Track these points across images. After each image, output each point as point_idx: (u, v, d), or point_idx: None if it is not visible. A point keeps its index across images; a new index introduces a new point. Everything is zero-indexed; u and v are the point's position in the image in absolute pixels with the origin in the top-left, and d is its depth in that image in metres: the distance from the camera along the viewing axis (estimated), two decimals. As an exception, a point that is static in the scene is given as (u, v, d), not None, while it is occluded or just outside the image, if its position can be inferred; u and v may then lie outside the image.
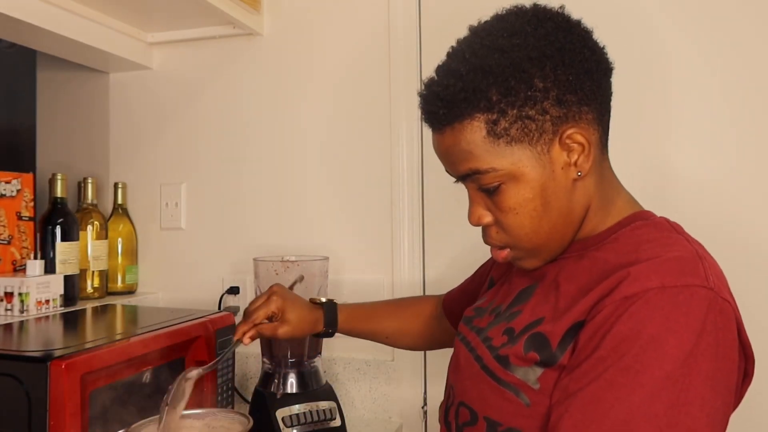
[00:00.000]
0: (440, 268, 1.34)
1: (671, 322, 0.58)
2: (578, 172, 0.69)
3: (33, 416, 0.82)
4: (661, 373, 0.57)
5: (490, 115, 0.67)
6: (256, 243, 1.47)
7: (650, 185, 1.20)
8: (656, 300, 0.59)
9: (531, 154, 0.68)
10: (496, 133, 0.67)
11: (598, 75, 0.70)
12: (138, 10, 1.40)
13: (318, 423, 1.10)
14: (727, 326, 0.60)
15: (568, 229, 0.72)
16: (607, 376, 0.58)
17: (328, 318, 1.03)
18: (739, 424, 0.79)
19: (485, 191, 0.71)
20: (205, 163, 1.53)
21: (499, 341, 0.73)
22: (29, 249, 1.35)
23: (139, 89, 1.59)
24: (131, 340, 1.00)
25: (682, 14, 1.20)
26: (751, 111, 1.16)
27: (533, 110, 0.66)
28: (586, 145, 0.69)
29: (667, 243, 0.66)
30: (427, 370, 1.34)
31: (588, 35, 0.71)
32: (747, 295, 1.14)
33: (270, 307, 0.96)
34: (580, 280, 0.68)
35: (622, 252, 0.67)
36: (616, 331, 0.59)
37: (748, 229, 1.16)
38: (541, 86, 0.66)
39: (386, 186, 1.38)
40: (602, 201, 0.73)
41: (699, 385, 0.57)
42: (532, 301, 0.73)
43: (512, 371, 0.68)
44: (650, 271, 0.61)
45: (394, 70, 1.36)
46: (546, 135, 0.67)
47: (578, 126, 0.68)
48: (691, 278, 0.61)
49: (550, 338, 0.66)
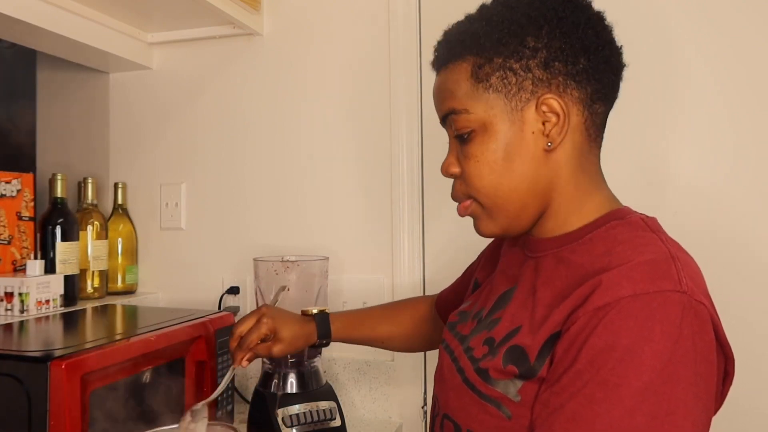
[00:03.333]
0: (440, 268, 1.34)
1: (646, 331, 0.57)
2: (548, 142, 0.69)
3: (33, 416, 0.82)
4: (639, 384, 0.55)
5: (477, 59, 0.70)
6: (256, 243, 1.47)
7: (648, 188, 1.21)
8: (629, 309, 0.58)
9: (504, 107, 0.69)
10: (478, 77, 0.70)
11: (597, 58, 0.69)
12: (138, 10, 1.40)
13: (318, 423, 1.10)
14: (703, 329, 0.59)
15: (528, 200, 0.71)
16: (586, 392, 0.57)
17: (321, 329, 1.02)
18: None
19: (460, 139, 0.73)
20: (205, 163, 1.53)
21: (480, 352, 0.72)
22: (29, 249, 1.36)
23: (139, 89, 1.59)
24: (131, 340, 1.00)
25: (684, 16, 1.20)
26: (751, 113, 1.16)
27: (517, 64, 0.68)
28: (561, 116, 0.68)
29: (640, 244, 0.65)
30: (427, 370, 1.34)
31: (597, 18, 0.71)
32: (743, 298, 1.15)
33: (261, 330, 0.95)
34: (556, 286, 0.68)
35: (595, 254, 0.66)
36: (592, 343, 0.58)
37: (745, 231, 1.16)
38: (531, 44, 0.68)
39: (386, 186, 1.38)
40: (576, 191, 0.72)
41: (680, 393, 0.56)
42: (511, 307, 0.73)
43: (493, 385, 0.68)
44: (622, 278, 0.60)
45: (395, 69, 1.36)
46: (524, 93, 0.69)
47: (560, 98, 0.69)
48: (664, 283, 0.59)
49: (528, 351, 0.65)
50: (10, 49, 1.52)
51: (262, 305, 1.01)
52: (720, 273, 1.15)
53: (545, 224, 0.74)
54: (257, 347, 0.95)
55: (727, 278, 1.16)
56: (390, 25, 1.37)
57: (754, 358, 1.11)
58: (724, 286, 1.18)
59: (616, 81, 0.72)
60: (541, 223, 0.74)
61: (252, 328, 0.95)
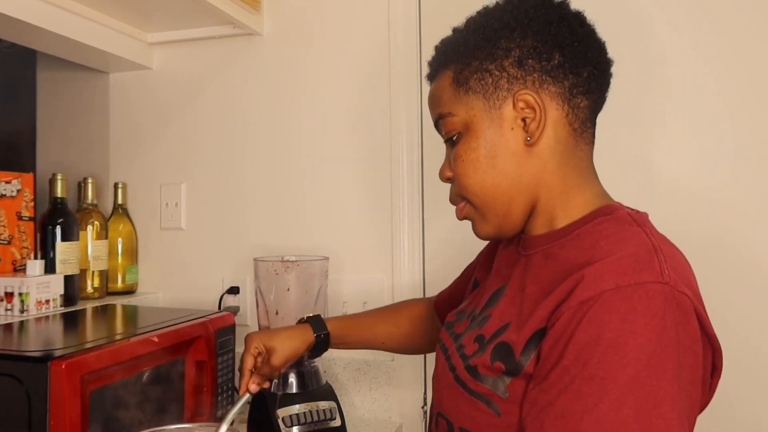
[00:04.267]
0: (440, 268, 1.34)
1: (629, 324, 0.57)
2: (528, 137, 0.71)
3: (33, 416, 0.82)
4: (625, 377, 0.56)
5: (458, 66, 0.74)
6: (256, 243, 1.47)
7: (643, 188, 1.21)
8: (612, 302, 0.58)
9: (483, 107, 0.72)
10: (459, 81, 0.74)
11: (572, 53, 0.70)
12: (138, 10, 1.40)
13: (318, 423, 1.10)
14: (686, 319, 0.59)
15: (516, 197, 0.73)
16: (574, 388, 0.58)
17: (315, 325, 1.01)
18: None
19: (450, 143, 0.76)
20: (205, 163, 1.53)
21: (470, 349, 0.73)
22: (29, 249, 1.36)
23: (139, 89, 1.59)
24: (131, 340, 1.00)
25: (680, 14, 1.20)
26: (749, 113, 1.16)
27: (492, 65, 0.71)
28: (538, 111, 0.70)
29: (624, 238, 0.65)
30: (427, 370, 1.34)
31: (572, 15, 0.73)
32: (742, 299, 1.15)
33: (251, 351, 0.95)
34: (542, 282, 0.68)
35: (581, 249, 0.66)
36: (577, 338, 0.59)
37: (744, 232, 1.16)
38: (504, 45, 0.71)
39: (386, 186, 1.38)
40: (563, 185, 0.72)
41: (666, 385, 0.56)
42: (501, 304, 0.73)
43: (482, 381, 0.68)
44: (604, 272, 0.60)
45: (395, 69, 1.36)
46: (500, 91, 0.71)
47: (536, 94, 0.70)
48: (646, 274, 0.59)
49: (514, 347, 0.66)
50: (10, 49, 1.52)
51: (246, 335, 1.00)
52: (718, 274, 1.15)
53: (535, 221, 0.75)
54: (258, 368, 0.95)
55: (722, 280, 1.16)
56: (390, 25, 1.37)
57: (750, 358, 1.11)
58: (722, 287, 1.18)
59: (598, 75, 0.73)
60: (531, 220, 0.75)
61: (243, 358, 0.96)
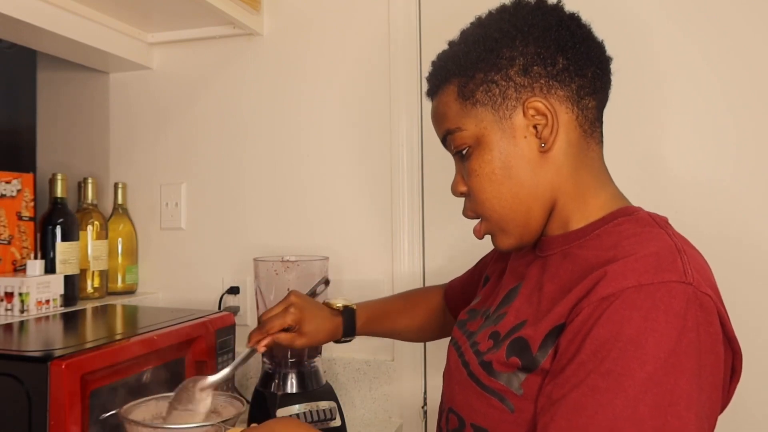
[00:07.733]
0: (440, 268, 1.34)
1: (650, 322, 0.57)
2: (542, 144, 0.70)
3: (33, 416, 0.82)
4: (643, 374, 0.55)
5: (461, 80, 0.73)
6: (256, 243, 1.47)
7: (648, 184, 1.21)
8: (633, 299, 0.58)
9: (493, 118, 0.71)
10: (465, 95, 0.73)
11: (575, 55, 0.70)
12: (138, 10, 1.40)
13: (318, 423, 1.10)
14: (708, 320, 0.59)
15: (534, 205, 0.72)
16: (589, 382, 0.57)
17: (347, 326, 1.02)
18: (734, 423, 0.79)
19: (461, 158, 0.75)
20: (205, 163, 1.53)
21: (485, 346, 0.73)
22: (29, 249, 1.35)
23: (139, 89, 1.59)
24: (131, 340, 0.99)
25: (682, 12, 1.20)
26: (751, 109, 1.16)
27: (498, 75, 0.71)
28: (549, 117, 0.70)
29: (647, 239, 0.65)
30: (427, 370, 1.34)
31: (570, 18, 0.73)
32: (749, 295, 1.15)
33: (286, 319, 0.94)
34: (562, 280, 0.68)
35: (602, 249, 0.66)
36: (595, 334, 0.59)
37: (747, 228, 1.16)
38: (507, 55, 0.70)
39: (386, 186, 1.38)
40: (579, 188, 0.72)
41: (684, 384, 0.55)
42: (516, 303, 0.73)
43: (496, 377, 0.68)
44: (627, 270, 0.60)
45: (395, 69, 1.36)
46: (509, 101, 0.71)
47: (546, 99, 0.70)
48: (669, 274, 0.59)
49: (531, 342, 0.66)
50: (10, 49, 1.52)
51: (292, 293, 0.98)
52: (725, 270, 1.15)
53: (551, 224, 0.74)
54: (279, 336, 0.94)
55: (728, 278, 1.16)
56: (390, 25, 1.37)
57: (760, 355, 1.11)
58: (729, 284, 1.18)
59: (601, 74, 0.73)
60: (547, 223, 0.75)
61: (277, 315, 0.95)
